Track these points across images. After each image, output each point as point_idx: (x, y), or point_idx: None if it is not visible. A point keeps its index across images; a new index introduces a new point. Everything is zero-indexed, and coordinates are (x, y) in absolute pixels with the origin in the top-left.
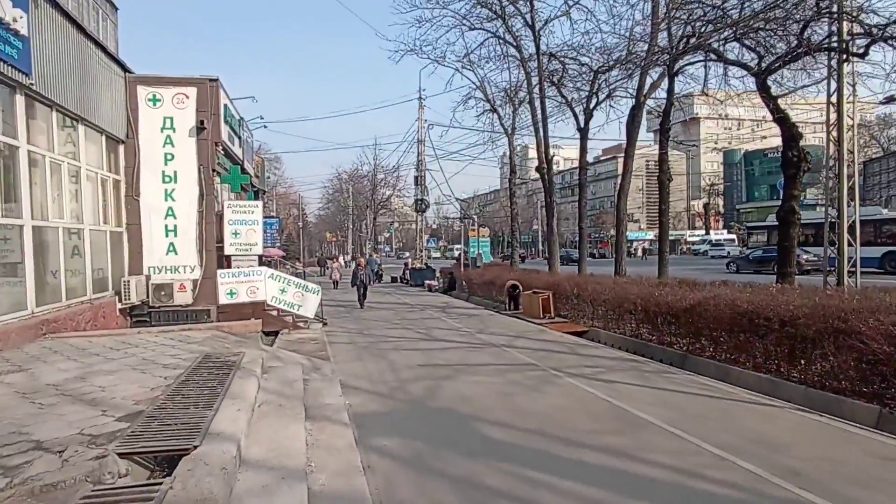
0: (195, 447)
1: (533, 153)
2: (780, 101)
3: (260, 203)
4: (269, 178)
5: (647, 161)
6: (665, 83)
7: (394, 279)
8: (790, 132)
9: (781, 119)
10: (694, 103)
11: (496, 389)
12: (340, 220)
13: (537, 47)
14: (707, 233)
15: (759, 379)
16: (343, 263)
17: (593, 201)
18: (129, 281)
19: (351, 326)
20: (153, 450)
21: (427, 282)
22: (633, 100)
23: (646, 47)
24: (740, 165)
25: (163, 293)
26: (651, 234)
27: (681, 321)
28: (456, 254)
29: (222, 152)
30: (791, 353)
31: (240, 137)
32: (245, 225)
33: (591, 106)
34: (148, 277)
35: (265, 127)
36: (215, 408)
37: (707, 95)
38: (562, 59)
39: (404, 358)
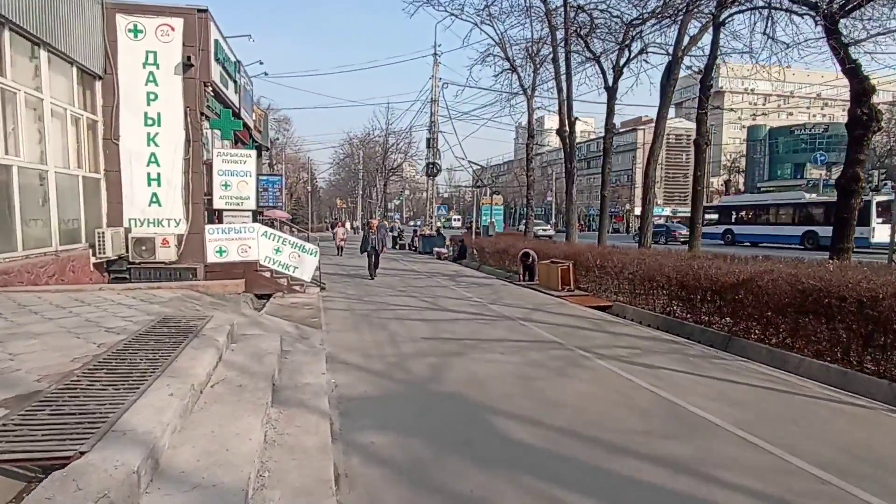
0: (81, 454)
1: (550, 123)
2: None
3: (253, 153)
4: (277, 139)
5: (669, 134)
6: (707, 36)
7: (402, 246)
8: (861, 86)
9: (852, 70)
10: (719, 76)
11: (515, 371)
12: (351, 185)
13: None
14: None
15: (826, 369)
16: (350, 229)
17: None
18: (103, 233)
19: (351, 292)
20: (12, 457)
21: (436, 249)
22: (670, 56)
23: None
24: (764, 142)
25: (144, 248)
26: (667, 210)
27: (726, 298)
28: (454, 223)
29: (212, 94)
30: (868, 339)
31: (236, 82)
32: (236, 176)
33: (622, 62)
34: (128, 230)
35: (266, 75)
36: (141, 390)
37: (771, 37)
38: (590, 10)
39: (407, 329)
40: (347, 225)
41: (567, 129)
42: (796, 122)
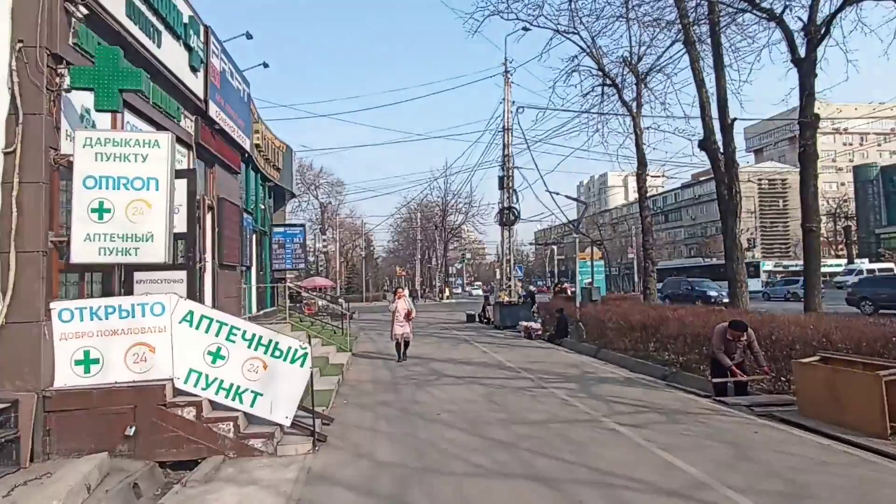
0: None
1: (614, 180)
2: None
3: (166, 137)
4: (330, 202)
5: (761, 180)
6: None
7: (470, 318)
8: None
9: None
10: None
11: None
12: (409, 252)
13: None
14: (850, 262)
15: None
16: (412, 299)
17: (693, 228)
18: None
19: (382, 448)
20: None
21: (524, 324)
22: None
23: None
24: (877, 183)
25: None
26: (769, 265)
27: None
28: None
29: (82, 15)
30: None
31: (191, 49)
32: (125, 190)
33: (818, 19)
34: None
35: (265, 66)
36: None
37: None
38: None
39: None
40: (405, 295)
41: (715, 139)
42: None
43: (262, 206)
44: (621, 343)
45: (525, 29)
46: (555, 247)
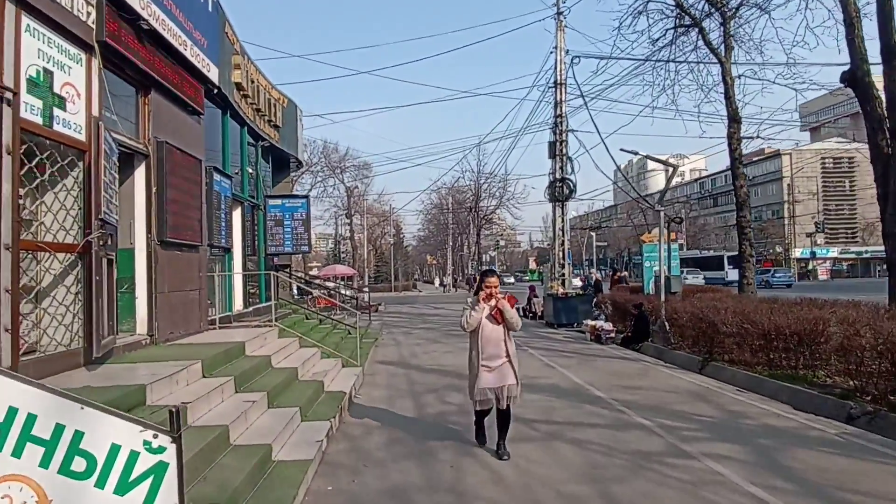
0: None
1: (654, 163)
2: None
3: None
4: (355, 186)
5: (823, 159)
6: None
7: (524, 311)
8: None
9: None
10: None
11: None
12: (441, 238)
13: None
14: None
15: None
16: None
17: None
18: None
19: None
20: None
21: (590, 323)
22: None
23: None
24: None
25: None
26: (833, 252)
27: None
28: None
29: None
30: None
31: None
32: None
33: None
34: None
35: None
36: None
37: None
38: None
39: None
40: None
41: (867, 69)
42: None
43: (251, 171)
44: (741, 354)
45: None
46: (593, 233)
